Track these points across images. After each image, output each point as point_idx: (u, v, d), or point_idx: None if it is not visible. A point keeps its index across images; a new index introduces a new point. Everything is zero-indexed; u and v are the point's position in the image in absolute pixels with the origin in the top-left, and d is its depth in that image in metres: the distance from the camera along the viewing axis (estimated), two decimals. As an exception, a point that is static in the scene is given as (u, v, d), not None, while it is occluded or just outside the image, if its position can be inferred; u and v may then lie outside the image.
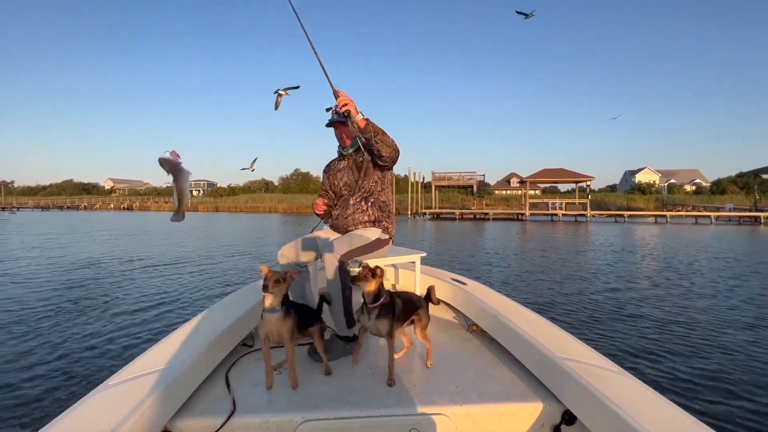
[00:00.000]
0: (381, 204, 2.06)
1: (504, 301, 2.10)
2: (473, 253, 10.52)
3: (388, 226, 2.08)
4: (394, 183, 25.56)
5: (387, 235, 2.06)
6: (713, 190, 51.39)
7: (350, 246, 1.86)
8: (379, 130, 1.77)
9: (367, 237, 1.96)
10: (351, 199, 2.06)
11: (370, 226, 2.03)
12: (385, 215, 2.07)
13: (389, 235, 2.07)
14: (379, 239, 2.00)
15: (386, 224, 2.07)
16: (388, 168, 2.04)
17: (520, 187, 54.00)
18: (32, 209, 56.04)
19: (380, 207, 2.06)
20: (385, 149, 1.81)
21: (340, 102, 1.72)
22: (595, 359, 1.45)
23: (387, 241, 2.06)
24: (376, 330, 1.55)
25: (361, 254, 1.91)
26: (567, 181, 34.09)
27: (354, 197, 2.05)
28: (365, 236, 1.95)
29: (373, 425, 1.29)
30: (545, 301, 5.24)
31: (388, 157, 1.85)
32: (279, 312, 1.43)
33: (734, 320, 4.37)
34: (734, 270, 7.67)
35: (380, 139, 1.77)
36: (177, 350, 1.47)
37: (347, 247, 1.83)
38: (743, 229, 20.68)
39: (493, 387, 1.49)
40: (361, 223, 2.02)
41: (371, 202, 2.04)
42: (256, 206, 48.18)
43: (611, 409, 1.11)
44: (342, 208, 2.07)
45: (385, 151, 1.82)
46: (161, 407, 1.18)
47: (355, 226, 2.03)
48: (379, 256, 2.04)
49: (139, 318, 4.33)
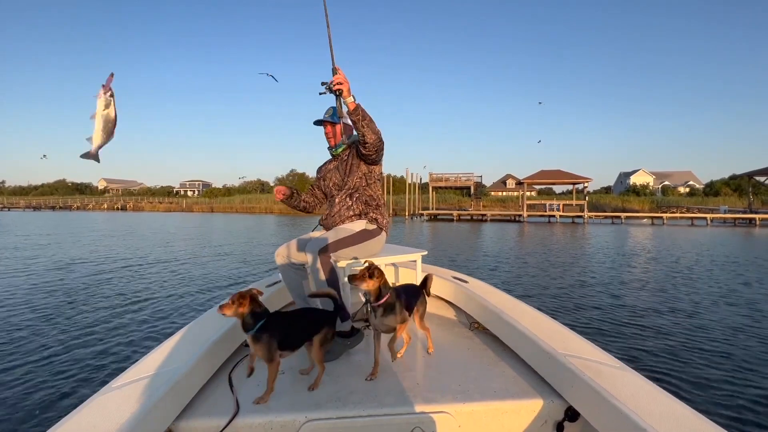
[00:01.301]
0: (367, 198, 2.05)
1: (505, 299, 2.09)
2: (473, 253, 10.51)
3: (377, 218, 2.04)
4: (391, 183, 25.65)
5: (374, 226, 2.02)
6: (706, 192, 51.99)
7: (332, 239, 1.85)
8: (367, 116, 1.77)
9: (351, 229, 1.95)
10: (337, 197, 2.06)
11: (356, 219, 2.02)
12: (372, 207, 2.05)
13: (377, 226, 2.03)
14: (365, 230, 1.98)
15: (374, 215, 2.04)
16: (373, 161, 2.00)
17: (516, 189, 54.19)
18: (24, 209, 55.29)
19: (366, 201, 2.04)
20: (369, 135, 1.81)
21: (336, 80, 1.72)
22: (598, 355, 1.44)
23: (376, 231, 2.02)
24: (384, 327, 1.58)
25: (347, 245, 1.89)
26: (564, 183, 34.22)
27: (340, 195, 2.06)
28: (349, 228, 1.95)
29: (377, 424, 1.28)
30: (546, 301, 5.22)
31: (371, 144, 1.84)
32: (251, 332, 1.35)
33: (736, 321, 4.36)
34: (736, 271, 7.68)
35: (367, 123, 1.77)
36: (180, 352, 1.46)
37: (329, 241, 1.83)
38: (739, 230, 20.84)
39: (496, 384, 1.49)
40: (347, 218, 2.02)
41: (356, 198, 2.04)
42: (252, 207, 47.92)
43: (614, 405, 1.10)
44: (330, 207, 2.08)
45: (369, 137, 1.81)
46: (165, 409, 1.18)
47: (342, 221, 2.02)
48: (373, 247, 2.02)
49: (142, 320, 4.28)
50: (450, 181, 38.02)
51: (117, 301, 5.09)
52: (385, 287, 1.55)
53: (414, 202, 36.42)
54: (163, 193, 79.56)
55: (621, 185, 66.48)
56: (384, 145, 1.93)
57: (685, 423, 1.02)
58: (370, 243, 2.00)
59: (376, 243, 2.04)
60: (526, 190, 32.49)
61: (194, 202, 56.27)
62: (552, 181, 32.88)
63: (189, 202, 57.93)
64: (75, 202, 61.87)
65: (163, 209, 54.54)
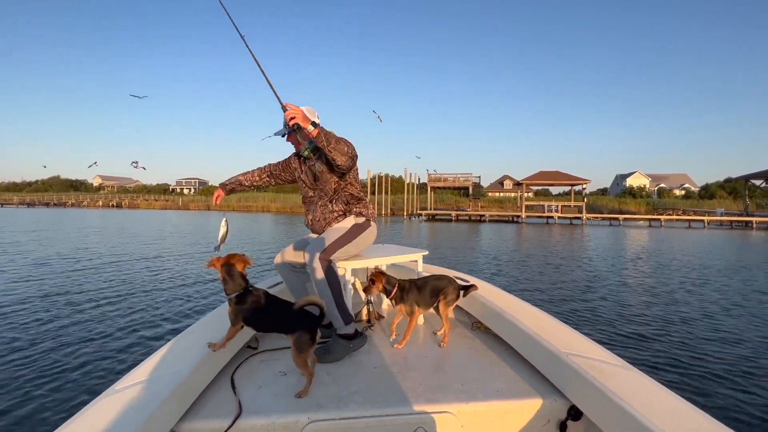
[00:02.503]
0: (347, 197, 2.04)
1: (508, 299, 2.09)
2: (473, 254, 10.49)
3: (361, 210, 2.06)
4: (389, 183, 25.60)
5: (363, 218, 2.05)
6: (702, 195, 52.30)
7: (328, 241, 1.88)
8: (331, 139, 1.73)
9: (343, 227, 1.98)
10: (319, 203, 2.06)
11: (342, 218, 2.03)
12: (354, 203, 2.05)
13: (366, 217, 2.06)
14: (355, 225, 2.01)
15: (358, 209, 2.05)
16: (342, 173, 1.98)
17: (514, 189, 54.26)
18: (17, 206, 54.67)
19: (347, 200, 2.04)
20: (339, 158, 1.77)
21: (288, 116, 1.69)
22: (600, 354, 1.44)
23: (366, 224, 2.05)
24: (401, 313, 1.84)
25: (344, 244, 1.92)
26: (563, 184, 34.29)
27: (321, 201, 2.06)
28: (340, 227, 1.98)
29: (379, 425, 1.28)
30: (547, 300, 5.22)
31: (342, 165, 1.82)
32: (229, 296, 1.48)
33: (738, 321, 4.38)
34: (739, 273, 7.69)
35: (333, 147, 1.74)
36: (182, 354, 1.47)
37: (325, 244, 1.86)
38: (736, 233, 20.96)
39: (499, 384, 1.49)
40: (333, 219, 2.03)
41: (335, 200, 2.04)
42: (248, 206, 47.68)
43: (617, 403, 1.09)
44: (312, 213, 2.08)
45: (339, 160, 1.78)
46: (168, 411, 1.17)
47: (329, 224, 2.03)
48: (366, 239, 2.04)
49: (144, 322, 4.25)
50: (449, 181, 37.99)
51: (120, 303, 5.02)
52: (389, 284, 1.80)
53: (412, 202, 36.35)
54: (159, 190, 78.99)
55: (617, 187, 66.80)
56: (357, 157, 1.90)
57: (688, 420, 1.01)
58: (363, 236, 2.02)
59: (369, 234, 2.06)
60: (524, 191, 32.53)
61: (190, 200, 55.88)
62: (551, 182, 32.91)
63: (185, 200, 57.55)
64: (69, 199, 61.25)
65: (159, 207, 54.14)
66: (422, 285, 1.88)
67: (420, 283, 1.90)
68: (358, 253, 2.10)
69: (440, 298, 1.87)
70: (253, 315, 1.48)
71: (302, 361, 1.44)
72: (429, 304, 1.88)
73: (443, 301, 1.86)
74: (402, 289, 1.83)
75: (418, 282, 1.90)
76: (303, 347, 1.44)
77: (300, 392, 1.42)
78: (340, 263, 1.97)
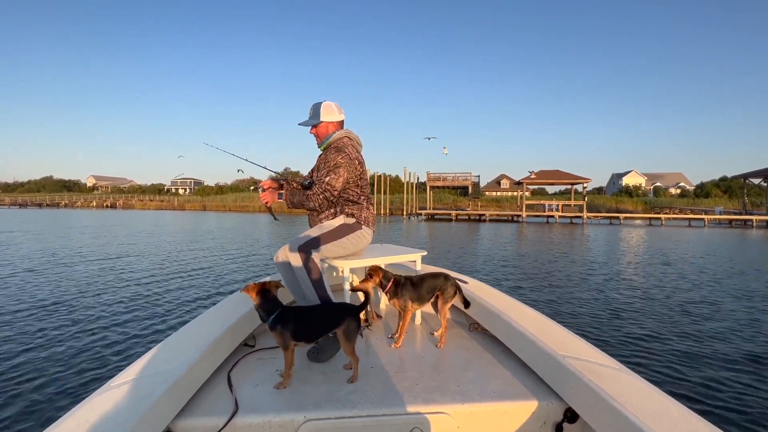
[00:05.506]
0: (343, 199, 2.08)
1: (505, 300, 2.09)
2: (473, 254, 10.36)
3: (353, 212, 2.08)
4: (388, 183, 25.54)
5: (353, 219, 2.07)
6: (697, 194, 52.59)
7: (313, 234, 1.93)
8: (297, 202, 2.01)
9: (330, 224, 2.02)
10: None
11: (333, 216, 2.08)
12: (349, 204, 2.09)
13: (356, 219, 2.08)
14: (344, 224, 2.04)
15: (350, 210, 2.08)
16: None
17: (512, 189, 54.30)
18: (9, 206, 53.93)
19: (342, 201, 2.08)
20: (314, 206, 1.99)
21: (263, 200, 2.06)
22: (597, 357, 1.44)
23: (356, 226, 2.06)
24: (397, 307, 1.84)
25: (328, 241, 1.95)
26: (562, 183, 34.24)
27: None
28: (327, 224, 2.02)
29: (376, 424, 1.28)
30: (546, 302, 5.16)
31: (320, 206, 2.01)
32: (267, 322, 1.45)
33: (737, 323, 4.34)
34: (743, 272, 7.62)
35: (304, 204, 2.00)
36: (179, 351, 1.45)
37: (307, 237, 1.91)
38: (736, 231, 20.99)
39: (495, 385, 1.48)
40: (325, 217, 2.08)
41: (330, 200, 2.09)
42: (245, 206, 47.32)
43: (613, 406, 1.09)
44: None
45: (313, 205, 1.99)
46: (164, 408, 1.17)
47: (319, 220, 2.09)
48: (357, 242, 2.06)
49: (141, 318, 4.22)
50: (448, 180, 37.86)
51: (116, 299, 4.95)
52: (386, 278, 1.80)
53: (411, 201, 36.18)
54: (154, 190, 78.29)
55: (614, 186, 67.06)
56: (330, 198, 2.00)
57: (683, 424, 1.01)
58: (352, 237, 2.03)
59: (359, 238, 2.07)
60: (524, 190, 32.45)
61: (186, 200, 55.40)
62: (551, 181, 32.84)
63: (181, 200, 57.03)
64: (63, 200, 60.56)
65: (154, 207, 53.64)
66: (418, 281, 1.87)
67: (416, 279, 1.89)
68: (349, 255, 2.09)
69: (437, 295, 1.87)
70: (299, 329, 1.47)
71: (351, 348, 1.49)
72: (424, 301, 1.86)
73: (441, 298, 1.86)
74: (397, 284, 1.82)
75: (414, 278, 1.89)
76: (351, 336, 1.49)
77: (351, 378, 1.49)
78: (337, 262, 1.99)
